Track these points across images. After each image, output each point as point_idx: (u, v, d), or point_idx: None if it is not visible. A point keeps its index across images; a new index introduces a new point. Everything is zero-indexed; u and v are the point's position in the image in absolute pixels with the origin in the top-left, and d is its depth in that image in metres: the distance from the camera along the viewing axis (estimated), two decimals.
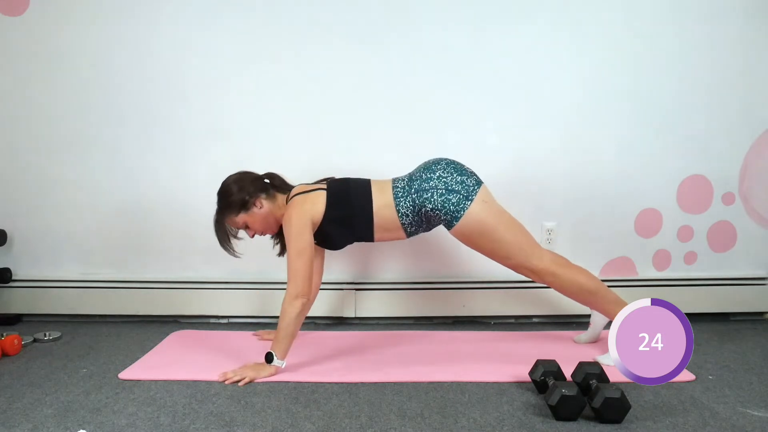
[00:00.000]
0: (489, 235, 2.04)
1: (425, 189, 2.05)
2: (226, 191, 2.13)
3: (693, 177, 2.64)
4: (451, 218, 2.04)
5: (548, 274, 2.07)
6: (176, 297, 2.66)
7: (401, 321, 2.65)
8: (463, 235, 2.08)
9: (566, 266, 2.10)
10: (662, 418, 1.65)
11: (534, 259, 2.06)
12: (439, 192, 2.03)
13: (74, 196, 2.67)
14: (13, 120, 2.64)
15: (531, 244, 2.08)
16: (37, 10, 2.58)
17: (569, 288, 2.10)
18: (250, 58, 2.58)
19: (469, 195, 2.03)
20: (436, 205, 2.03)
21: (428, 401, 1.78)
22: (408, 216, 2.08)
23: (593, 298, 2.11)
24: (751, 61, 2.58)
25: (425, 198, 2.04)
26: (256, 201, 2.12)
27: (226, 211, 2.13)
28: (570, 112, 2.60)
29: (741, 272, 2.68)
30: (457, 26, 2.56)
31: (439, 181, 2.04)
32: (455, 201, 2.02)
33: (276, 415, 1.69)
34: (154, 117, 2.62)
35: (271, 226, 2.18)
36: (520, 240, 2.07)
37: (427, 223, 2.12)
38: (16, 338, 2.24)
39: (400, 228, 2.11)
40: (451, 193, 2.03)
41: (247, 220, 2.13)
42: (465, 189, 2.04)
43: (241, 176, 2.16)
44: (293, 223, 2.04)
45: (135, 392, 1.86)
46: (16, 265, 2.70)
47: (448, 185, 2.04)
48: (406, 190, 2.08)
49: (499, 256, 2.09)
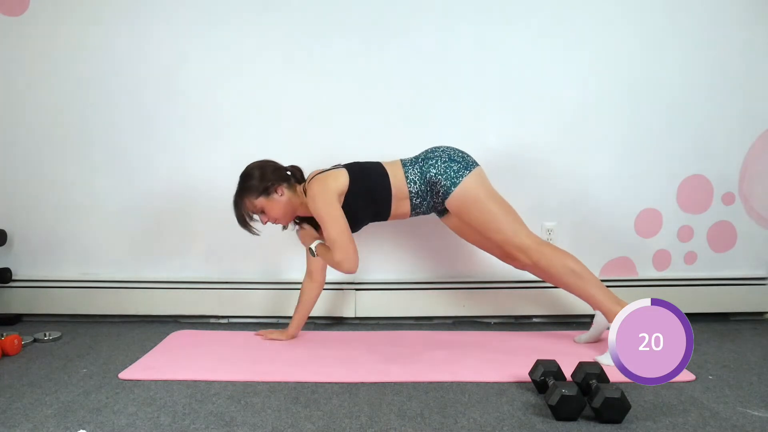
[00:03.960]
0: (481, 206, 2.17)
1: (430, 158, 2.22)
2: (248, 174, 2.19)
3: (693, 177, 2.64)
4: (450, 184, 2.17)
5: (535, 251, 2.16)
6: (176, 297, 2.66)
7: (401, 321, 2.65)
8: (459, 204, 2.19)
9: (553, 247, 2.22)
10: (662, 418, 1.65)
11: (522, 234, 2.18)
12: (442, 160, 2.20)
13: (74, 196, 2.67)
14: (13, 120, 2.65)
15: (520, 223, 2.21)
16: (37, 10, 2.58)
17: (555, 268, 2.15)
18: (250, 57, 2.59)
19: (468, 167, 2.20)
20: (439, 170, 2.18)
21: (428, 401, 1.78)
22: (416, 183, 2.21)
23: (579, 282, 2.15)
24: (751, 61, 2.58)
25: (430, 164, 2.20)
26: (277, 188, 2.18)
27: (245, 193, 2.17)
28: (570, 111, 2.60)
29: (741, 272, 2.68)
30: (457, 25, 2.56)
31: (443, 153, 2.23)
32: (456, 168, 2.18)
33: (276, 415, 1.69)
34: (153, 117, 2.62)
35: (287, 215, 2.23)
36: (510, 216, 2.20)
37: (431, 195, 2.21)
38: (16, 338, 2.24)
39: (407, 198, 2.22)
40: (453, 162, 2.20)
41: (265, 206, 2.17)
42: (465, 161, 2.21)
43: (264, 164, 2.22)
44: (320, 197, 2.11)
45: (135, 392, 1.86)
46: (16, 265, 2.70)
47: (451, 156, 2.22)
48: (414, 162, 2.25)
49: (489, 230, 2.19)
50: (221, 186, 2.36)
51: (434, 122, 2.59)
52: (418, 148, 2.34)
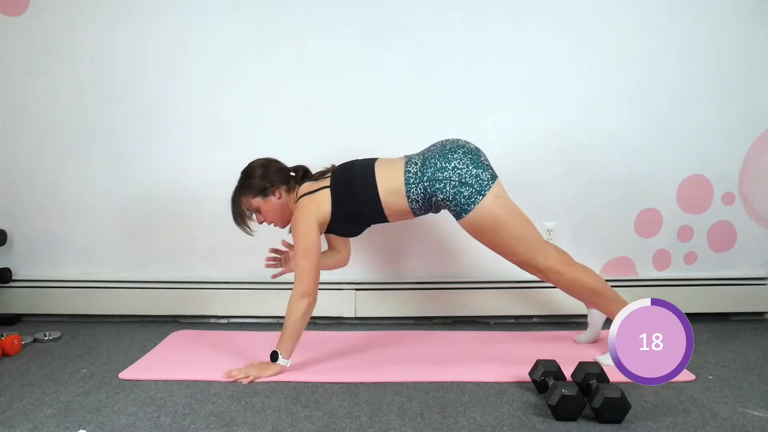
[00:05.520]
0: (497, 230, 2.04)
1: (438, 179, 2.03)
2: (249, 172, 2.16)
3: (693, 177, 2.64)
4: (460, 210, 2.03)
5: (552, 272, 2.07)
6: (176, 297, 2.66)
7: (401, 321, 2.65)
8: (472, 228, 2.08)
9: (570, 264, 2.10)
10: (662, 418, 1.65)
11: (539, 256, 2.05)
12: (452, 184, 2.01)
13: (74, 196, 2.67)
14: (13, 120, 2.65)
15: (537, 241, 2.08)
16: (37, 10, 2.58)
17: (572, 286, 2.10)
18: (250, 57, 2.58)
19: (482, 190, 2.01)
20: (448, 196, 2.03)
21: (428, 401, 1.78)
22: (418, 202, 2.08)
23: (596, 298, 2.12)
24: (751, 61, 2.58)
25: (437, 188, 2.03)
26: (276, 191, 2.14)
27: (244, 191, 2.15)
28: (570, 111, 2.60)
29: (741, 272, 2.68)
30: (457, 25, 2.56)
31: (453, 173, 2.02)
32: (467, 194, 2.01)
33: (276, 415, 1.69)
34: (153, 116, 2.62)
35: (284, 219, 2.19)
36: (527, 237, 2.06)
37: (436, 208, 2.14)
38: (16, 338, 2.24)
39: (408, 212, 2.12)
40: (464, 186, 2.01)
41: (261, 206, 2.14)
42: (479, 183, 2.01)
43: (268, 163, 2.18)
44: (299, 224, 2.06)
45: (135, 392, 1.86)
46: (16, 265, 2.70)
47: (462, 177, 2.01)
48: (419, 177, 2.05)
49: (505, 251, 2.10)
50: (221, 186, 2.35)
51: (434, 121, 2.59)
52: (417, 149, 2.33)
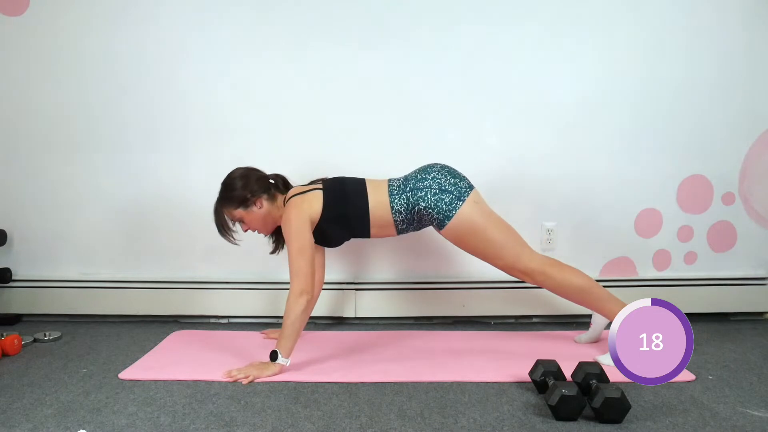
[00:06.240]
0: (479, 235, 2.09)
1: (419, 188, 2.10)
2: (230, 184, 2.16)
3: (693, 177, 2.64)
4: (443, 217, 2.08)
5: (539, 273, 2.09)
6: (176, 297, 2.66)
7: (401, 321, 2.65)
8: (455, 235, 2.11)
9: (557, 266, 2.12)
10: (662, 418, 1.65)
11: (524, 258, 2.09)
12: (432, 191, 2.09)
13: (74, 196, 2.67)
14: (12, 120, 2.64)
15: (521, 245, 2.11)
16: (37, 10, 2.58)
17: (561, 287, 2.11)
18: (250, 57, 2.58)
19: (461, 196, 2.08)
20: (429, 203, 2.08)
21: (428, 401, 1.78)
22: (401, 213, 2.12)
23: (587, 297, 2.12)
24: (751, 61, 2.58)
25: (419, 197, 2.09)
26: (257, 200, 2.14)
27: (225, 203, 2.15)
28: (570, 111, 2.60)
29: (741, 272, 2.68)
30: (457, 26, 2.56)
31: (433, 182, 2.10)
32: (447, 201, 2.07)
33: (276, 415, 1.69)
34: (153, 116, 2.62)
35: (267, 227, 2.21)
36: (510, 241, 2.10)
37: (419, 222, 2.16)
38: (16, 338, 2.24)
39: (392, 225, 2.16)
40: (444, 193, 2.08)
41: (244, 217, 2.16)
42: (457, 190, 2.09)
43: (248, 173, 2.18)
44: (293, 223, 2.07)
45: (135, 392, 1.86)
46: (16, 265, 2.70)
47: (441, 186, 2.09)
48: (401, 189, 2.13)
49: (489, 257, 2.13)
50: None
51: (435, 124, 2.59)
52: (417, 149, 2.34)
